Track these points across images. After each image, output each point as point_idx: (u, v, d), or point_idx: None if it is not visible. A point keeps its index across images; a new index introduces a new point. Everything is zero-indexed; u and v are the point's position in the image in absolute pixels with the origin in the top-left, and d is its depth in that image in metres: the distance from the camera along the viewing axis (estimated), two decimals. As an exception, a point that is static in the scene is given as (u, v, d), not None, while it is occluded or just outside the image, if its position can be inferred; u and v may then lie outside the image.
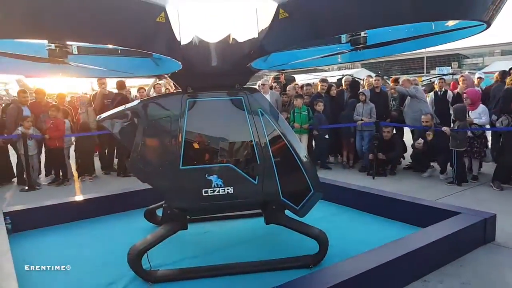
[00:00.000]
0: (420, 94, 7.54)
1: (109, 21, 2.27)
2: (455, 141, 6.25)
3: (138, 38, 2.47)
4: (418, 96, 7.41)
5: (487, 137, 6.81)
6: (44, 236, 4.33)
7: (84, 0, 2.10)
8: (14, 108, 7.54)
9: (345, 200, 5.06)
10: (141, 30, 2.42)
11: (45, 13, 2.10)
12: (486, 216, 3.90)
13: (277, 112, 3.84)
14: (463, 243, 3.69)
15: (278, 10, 2.34)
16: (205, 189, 3.27)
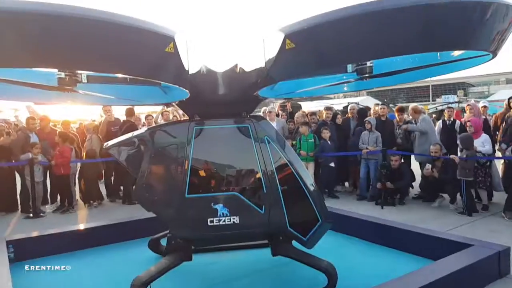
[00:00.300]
0: (429, 126, 7.48)
1: (120, 51, 2.31)
2: (464, 171, 6.17)
3: (147, 68, 2.50)
4: (429, 131, 7.37)
5: (491, 166, 6.72)
6: (47, 265, 4.22)
7: (95, 30, 2.13)
8: (22, 135, 7.61)
9: (354, 230, 4.94)
10: (151, 60, 2.45)
11: (56, 44, 2.14)
12: (500, 249, 3.77)
13: (283, 140, 3.83)
14: (477, 277, 3.56)
15: (285, 41, 2.37)
16: (211, 219, 3.22)
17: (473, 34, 2.38)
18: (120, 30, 2.17)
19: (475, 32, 2.37)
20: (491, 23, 2.33)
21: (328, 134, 7.84)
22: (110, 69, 2.66)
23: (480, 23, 2.30)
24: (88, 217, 7.05)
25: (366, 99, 27.36)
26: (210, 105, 3.45)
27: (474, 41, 2.42)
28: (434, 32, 2.31)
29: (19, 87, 3.17)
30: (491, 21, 2.30)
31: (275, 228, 3.36)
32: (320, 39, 2.37)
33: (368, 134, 7.69)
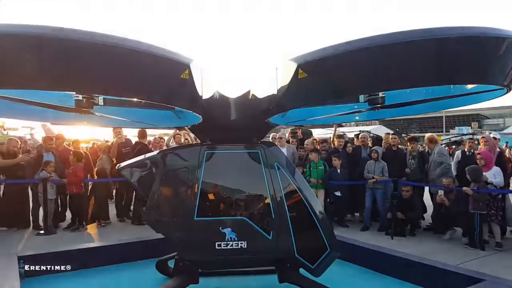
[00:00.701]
0: (446, 159, 7.42)
1: (137, 76, 2.39)
2: (477, 203, 6.07)
3: (163, 93, 2.59)
4: (447, 163, 7.31)
5: (505, 200, 6.61)
6: (56, 282, 4.26)
7: (113, 56, 2.21)
8: (36, 153, 7.82)
9: (363, 260, 4.85)
10: (166, 86, 2.54)
11: (74, 68, 2.22)
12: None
13: (293, 166, 3.86)
14: (489, 313, 3.46)
15: (297, 70, 2.43)
16: (219, 242, 3.23)
17: (486, 68, 2.38)
18: (138, 56, 2.25)
19: (489, 66, 2.37)
20: (505, 57, 2.33)
21: (339, 162, 7.80)
22: (127, 93, 2.74)
23: (494, 57, 2.31)
24: (98, 236, 7.09)
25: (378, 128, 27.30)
26: (222, 130, 3.52)
27: (488, 75, 2.41)
28: (446, 66, 2.32)
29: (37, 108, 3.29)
30: (505, 55, 2.30)
31: (283, 254, 3.35)
32: (332, 69, 2.43)
33: (374, 164, 7.64)
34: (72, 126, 7.02)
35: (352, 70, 2.44)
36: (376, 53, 2.29)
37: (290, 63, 2.49)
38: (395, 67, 2.37)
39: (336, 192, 7.74)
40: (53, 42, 2.04)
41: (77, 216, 7.57)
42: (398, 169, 7.73)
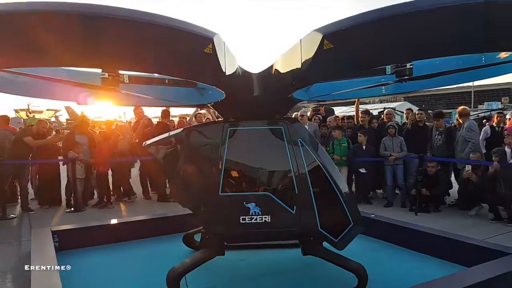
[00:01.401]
0: (474, 135, 7.11)
1: (160, 52, 2.41)
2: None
3: (186, 68, 2.60)
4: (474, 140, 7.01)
5: None
6: (88, 255, 4.47)
7: (137, 31, 2.21)
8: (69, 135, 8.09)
9: (386, 235, 4.87)
10: (190, 61, 2.54)
11: (100, 44, 2.25)
12: (539, 259, 3.60)
13: (317, 142, 3.84)
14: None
15: (322, 41, 2.36)
16: (243, 216, 3.28)
17: None
18: (162, 30, 2.24)
19: None
20: None
21: (364, 138, 7.65)
22: (151, 69, 2.78)
23: None
24: (126, 212, 7.33)
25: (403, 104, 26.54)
26: (245, 107, 3.52)
27: None
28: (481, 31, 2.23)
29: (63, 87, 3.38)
30: None
31: (306, 228, 3.39)
32: (359, 39, 2.35)
33: (391, 139, 7.50)
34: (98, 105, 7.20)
35: (379, 39, 2.35)
36: (405, 20, 2.19)
37: (315, 34, 2.42)
38: (424, 35, 2.27)
39: (361, 169, 7.63)
40: (78, 19, 2.05)
41: (105, 194, 7.82)
42: (423, 145, 7.57)
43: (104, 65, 2.67)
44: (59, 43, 2.16)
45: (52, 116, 30.21)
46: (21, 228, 6.25)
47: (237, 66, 3.14)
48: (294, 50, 2.79)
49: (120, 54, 2.34)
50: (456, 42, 2.32)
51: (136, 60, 2.43)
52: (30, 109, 31.34)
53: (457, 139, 7.27)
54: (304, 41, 2.65)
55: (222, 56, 2.60)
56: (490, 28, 2.20)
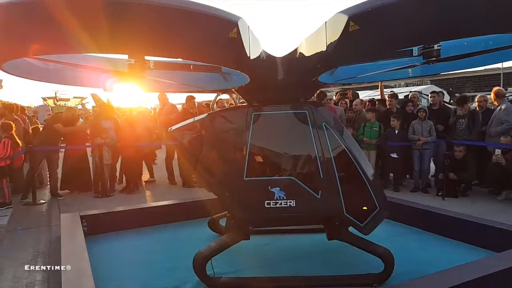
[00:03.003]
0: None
1: (186, 36, 2.41)
2: None
3: (212, 53, 2.61)
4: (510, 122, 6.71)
5: None
6: (115, 240, 4.61)
7: (162, 16, 2.23)
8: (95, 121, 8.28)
9: (412, 220, 4.81)
10: (215, 45, 2.54)
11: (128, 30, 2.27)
12: None
13: (342, 126, 3.80)
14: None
15: (348, 23, 2.33)
16: (268, 201, 3.30)
17: None
18: (186, 15, 2.25)
19: None
20: None
21: (397, 123, 7.46)
22: (177, 54, 2.79)
23: None
24: (152, 197, 7.49)
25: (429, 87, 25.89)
26: (269, 91, 3.51)
27: None
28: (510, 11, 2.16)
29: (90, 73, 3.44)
30: None
31: (331, 213, 3.38)
32: (385, 20, 2.31)
33: (421, 123, 7.34)
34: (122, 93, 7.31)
35: (406, 20, 2.30)
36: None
37: (340, 16, 2.39)
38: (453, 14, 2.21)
39: (392, 154, 7.47)
40: (105, 4, 2.07)
41: (132, 179, 8.00)
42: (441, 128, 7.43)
43: (131, 51, 2.70)
44: (86, 30, 2.19)
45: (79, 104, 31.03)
46: (51, 213, 6.47)
47: (261, 50, 3.12)
48: (319, 33, 2.75)
49: (146, 39, 2.36)
50: (487, 21, 2.24)
51: (162, 46, 2.45)
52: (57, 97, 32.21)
53: (491, 121, 6.97)
54: (329, 23, 2.61)
55: (247, 40, 2.59)
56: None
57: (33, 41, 2.31)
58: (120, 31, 2.24)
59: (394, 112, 7.92)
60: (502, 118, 6.71)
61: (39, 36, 2.26)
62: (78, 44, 2.28)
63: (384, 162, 7.79)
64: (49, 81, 3.64)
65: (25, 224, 5.79)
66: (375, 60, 3.55)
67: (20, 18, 2.10)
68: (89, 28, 2.16)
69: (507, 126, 6.62)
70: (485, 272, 2.98)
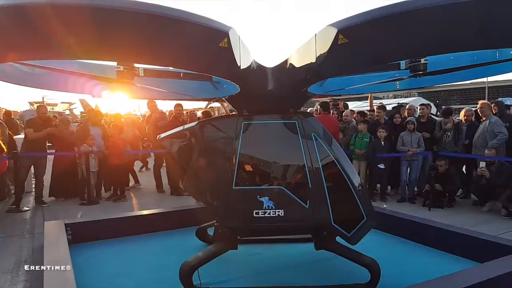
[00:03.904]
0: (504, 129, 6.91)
1: (176, 45, 2.42)
2: None
3: (202, 62, 2.62)
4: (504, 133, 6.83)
5: None
6: (101, 248, 4.53)
7: (153, 24, 2.22)
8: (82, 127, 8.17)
9: (399, 230, 4.84)
10: (205, 55, 2.55)
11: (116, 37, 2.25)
12: (553, 255, 3.56)
13: (331, 137, 3.83)
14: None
15: (337, 36, 2.36)
16: (256, 210, 3.29)
17: None
18: (177, 24, 2.25)
19: None
20: None
21: (384, 134, 7.60)
22: (166, 62, 2.78)
23: None
24: (139, 206, 7.41)
25: (417, 99, 26.27)
26: (259, 100, 3.52)
27: None
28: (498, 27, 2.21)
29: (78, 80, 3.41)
30: None
31: (319, 223, 3.38)
32: (374, 34, 2.35)
33: (410, 135, 7.47)
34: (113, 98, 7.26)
35: (394, 34, 2.34)
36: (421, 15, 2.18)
37: (329, 29, 2.42)
38: (440, 30, 2.26)
39: (379, 165, 7.58)
40: (94, 11, 2.06)
41: (118, 187, 7.91)
42: (427, 141, 7.56)
43: (120, 58, 2.69)
44: (74, 36, 2.17)
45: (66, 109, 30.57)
46: (35, 220, 6.34)
47: (251, 60, 3.14)
48: (309, 45, 2.79)
49: (135, 47, 2.35)
50: (473, 37, 2.29)
51: (152, 54, 2.44)
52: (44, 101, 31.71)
53: (479, 134, 7.08)
54: (319, 35, 2.64)
55: (237, 50, 2.60)
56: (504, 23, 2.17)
57: (18, 46, 2.27)
58: (108, 38, 2.23)
59: (383, 124, 8.04)
60: (496, 130, 6.82)
61: (25, 41, 2.21)
62: (65, 50, 2.26)
63: (371, 173, 7.86)
64: (35, 86, 3.60)
65: (8, 231, 5.67)
66: (364, 73, 3.60)
67: (5, 22, 2.06)
68: (77, 34, 2.14)
69: (502, 137, 6.74)
70: (470, 283, 3.01)
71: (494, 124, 6.89)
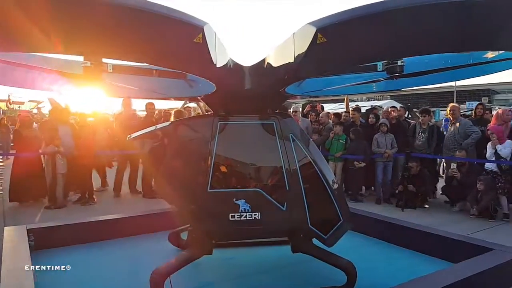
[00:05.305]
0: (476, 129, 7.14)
1: (148, 39, 2.28)
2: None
3: (175, 58, 2.49)
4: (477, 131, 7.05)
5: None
6: (66, 255, 4.27)
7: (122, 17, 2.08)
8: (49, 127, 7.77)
9: (374, 231, 4.88)
10: (179, 51, 2.43)
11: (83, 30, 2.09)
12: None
13: (308, 138, 3.78)
14: (496, 281, 3.49)
15: (316, 35, 2.29)
16: (232, 214, 3.19)
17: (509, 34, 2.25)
18: (148, 17, 2.11)
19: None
20: None
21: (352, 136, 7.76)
22: (136, 58, 2.62)
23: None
24: (109, 209, 7.14)
25: (389, 102, 26.93)
26: (235, 100, 3.42)
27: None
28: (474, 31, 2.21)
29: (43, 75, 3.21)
30: None
31: (296, 225, 3.32)
32: (353, 33, 2.30)
33: (383, 136, 7.60)
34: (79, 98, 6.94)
35: (373, 34, 2.31)
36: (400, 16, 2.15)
37: (308, 28, 2.35)
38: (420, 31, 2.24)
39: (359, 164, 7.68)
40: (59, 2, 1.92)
41: (87, 190, 7.61)
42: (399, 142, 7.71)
43: (86, 52, 2.52)
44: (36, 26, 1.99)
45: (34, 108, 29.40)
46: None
47: (228, 58, 3.04)
48: (287, 44, 2.71)
49: (103, 41, 2.18)
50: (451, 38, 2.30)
51: (121, 48, 2.28)
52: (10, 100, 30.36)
53: (450, 136, 7.29)
54: (297, 34, 2.57)
55: (213, 46, 2.49)
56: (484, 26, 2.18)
57: None
58: (74, 30, 2.06)
59: (359, 126, 8.18)
60: (468, 130, 7.02)
61: None
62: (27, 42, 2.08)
63: (347, 174, 7.93)
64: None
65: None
66: (341, 74, 3.57)
67: None
68: (38, 24, 1.97)
69: (477, 135, 6.92)
70: (445, 283, 3.05)
71: (464, 125, 7.09)
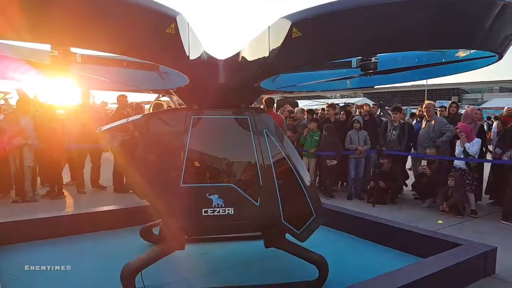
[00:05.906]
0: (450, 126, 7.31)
1: (117, 28, 2.19)
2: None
3: (147, 49, 2.41)
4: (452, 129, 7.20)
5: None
6: (33, 250, 4.15)
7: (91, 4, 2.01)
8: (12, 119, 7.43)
9: (345, 226, 4.96)
10: (150, 41, 2.36)
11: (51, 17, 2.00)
12: (487, 249, 3.83)
13: (282, 133, 3.77)
14: (464, 275, 3.62)
15: (291, 29, 2.28)
16: (205, 209, 3.16)
17: (483, 34, 2.28)
18: (118, 4, 2.06)
19: (485, 32, 2.28)
20: (499, 22, 2.25)
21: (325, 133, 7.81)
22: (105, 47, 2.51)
23: (496, 22, 2.21)
24: (79, 204, 6.95)
25: (362, 100, 27.43)
26: (209, 94, 3.37)
27: (484, 40, 2.33)
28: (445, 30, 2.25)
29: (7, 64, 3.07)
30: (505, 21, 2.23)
31: (270, 220, 3.32)
32: (328, 28, 2.30)
33: (357, 133, 7.72)
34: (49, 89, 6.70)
35: (348, 30, 2.31)
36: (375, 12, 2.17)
37: (283, 21, 2.33)
38: (393, 28, 2.26)
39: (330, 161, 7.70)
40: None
41: (56, 183, 7.37)
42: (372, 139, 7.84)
43: (53, 40, 2.40)
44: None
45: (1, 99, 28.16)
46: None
47: (202, 50, 2.98)
48: (262, 38, 2.68)
49: (70, 28, 2.07)
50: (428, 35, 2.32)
51: (89, 37, 2.15)
52: (-25, 91, 29.01)
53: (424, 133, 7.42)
54: (272, 28, 2.54)
55: (186, 38, 2.44)
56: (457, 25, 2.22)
57: None
58: (40, 16, 1.96)
59: (332, 122, 8.24)
60: (443, 128, 7.18)
61: None
62: None
63: (320, 170, 8.00)
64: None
65: None
66: (316, 70, 3.57)
67: None
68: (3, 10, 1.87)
69: (451, 133, 7.09)
70: (413, 278, 3.13)
71: (440, 123, 7.28)
